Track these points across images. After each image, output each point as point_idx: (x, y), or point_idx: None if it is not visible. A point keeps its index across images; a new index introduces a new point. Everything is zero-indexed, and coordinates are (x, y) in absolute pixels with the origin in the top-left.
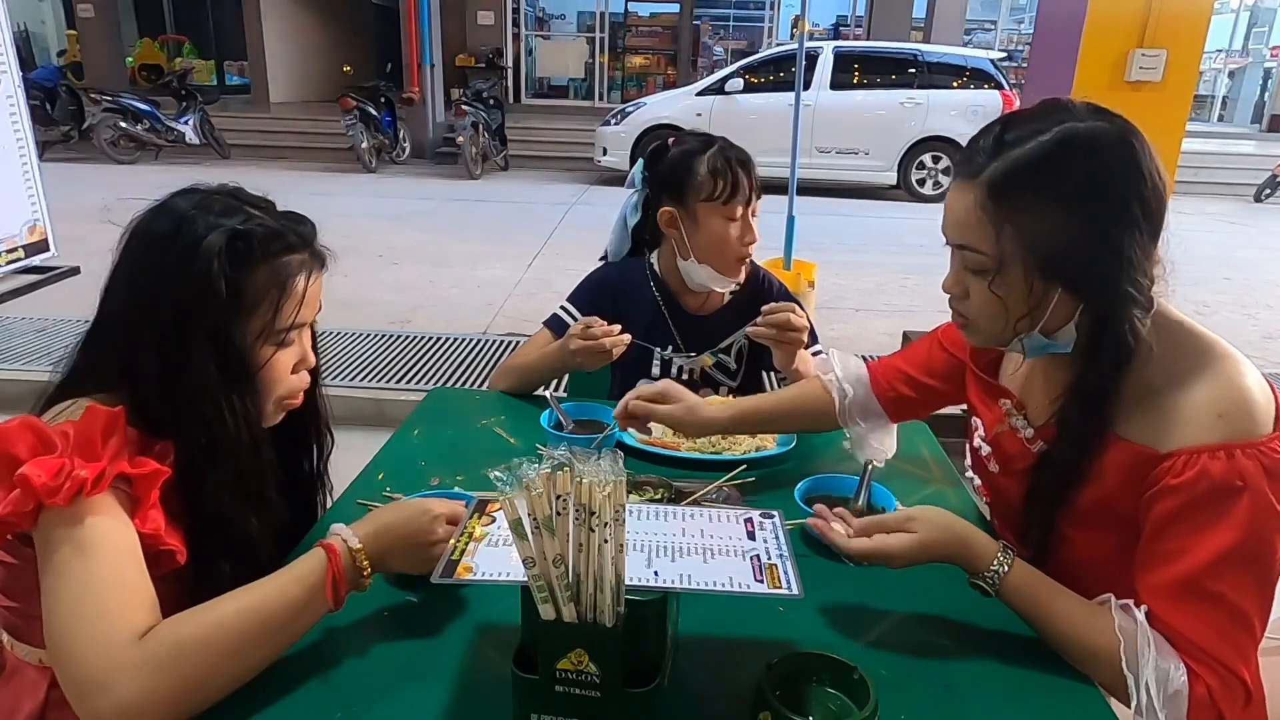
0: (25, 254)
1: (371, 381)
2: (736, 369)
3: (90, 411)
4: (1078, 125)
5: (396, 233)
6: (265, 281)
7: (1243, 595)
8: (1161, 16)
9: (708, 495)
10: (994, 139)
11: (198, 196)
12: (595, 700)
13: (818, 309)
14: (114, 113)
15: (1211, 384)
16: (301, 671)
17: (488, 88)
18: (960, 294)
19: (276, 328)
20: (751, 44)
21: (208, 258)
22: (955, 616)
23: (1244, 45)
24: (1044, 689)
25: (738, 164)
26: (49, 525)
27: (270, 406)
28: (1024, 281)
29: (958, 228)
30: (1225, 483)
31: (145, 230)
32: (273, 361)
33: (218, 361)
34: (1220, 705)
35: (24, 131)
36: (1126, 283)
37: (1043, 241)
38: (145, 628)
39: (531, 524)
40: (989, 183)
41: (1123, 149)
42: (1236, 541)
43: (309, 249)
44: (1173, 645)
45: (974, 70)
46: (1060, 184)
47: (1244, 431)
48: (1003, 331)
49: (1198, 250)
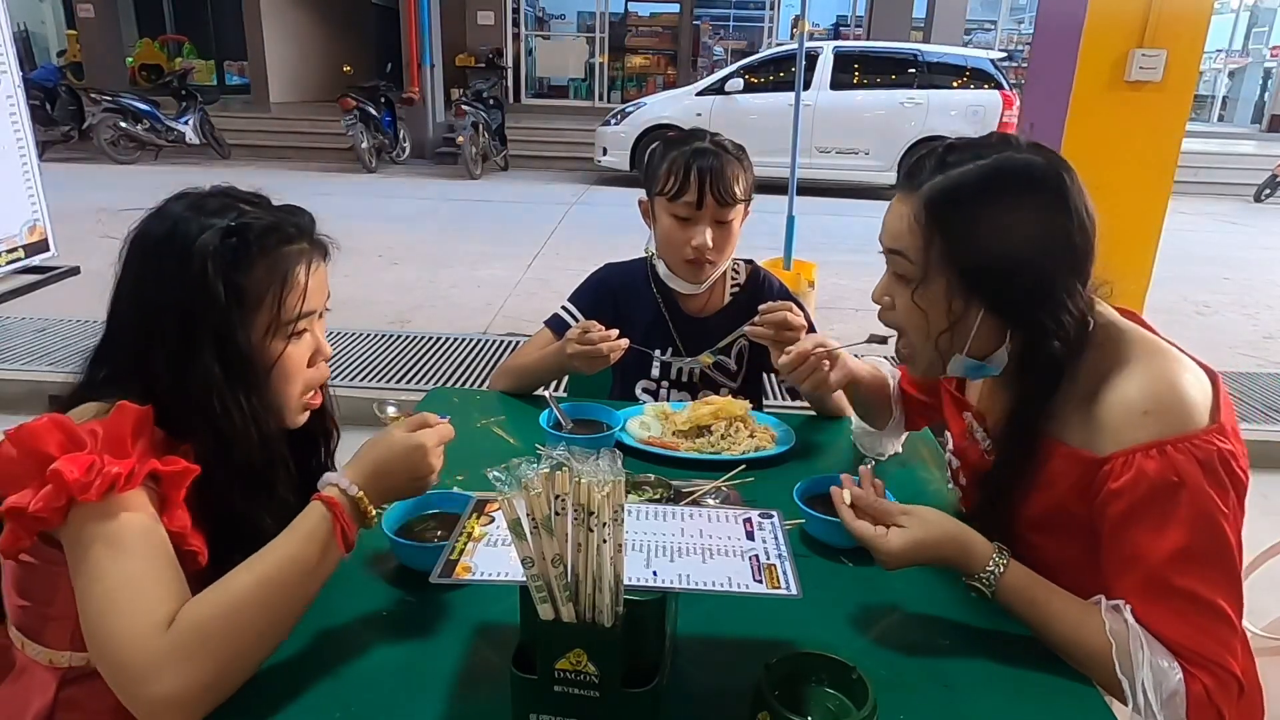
0: (25, 254)
1: (371, 381)
2: (737, 370)
3: (120, 409)
4: (1014, 156)
5: (396, 233)
6: (265, 276)
7: (1209, 587)
8: (1161, 16)
9: (707, 495)
10: (937, 158)
11: (191, 199)
12: (594, 700)
13: (818, 309)
14: (114, 113)
15: (1139, 382)
16: (301, 672)
17: (488, 88)
18: (888, 304)
19: (283, 321)
20: (751, 44)
21: (202, 258)
22: (955, 616)
23: (1244, 45)
24: (1044, 689)
25: (701, 168)
26: (80, 521)
27: (292, 402)
28: (945, 297)
29: (891, 235)
30: (1162, 480)
31: (142, 237)
32: (285, 356)
33: (223, 362)
34: (1218, 702)
35: (24, 131)
36: (1044, 313)
37: (966, 260)
38: (174, 616)
39: (530, 524)
40: (925, 196)
41: (1052, 184)
42: (1187, 538)
43: (307, 239)
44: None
45: (974, 70)
46: (989, 208)
47: (1174, 427)
48: (930, 351)
49: (1198, 250)
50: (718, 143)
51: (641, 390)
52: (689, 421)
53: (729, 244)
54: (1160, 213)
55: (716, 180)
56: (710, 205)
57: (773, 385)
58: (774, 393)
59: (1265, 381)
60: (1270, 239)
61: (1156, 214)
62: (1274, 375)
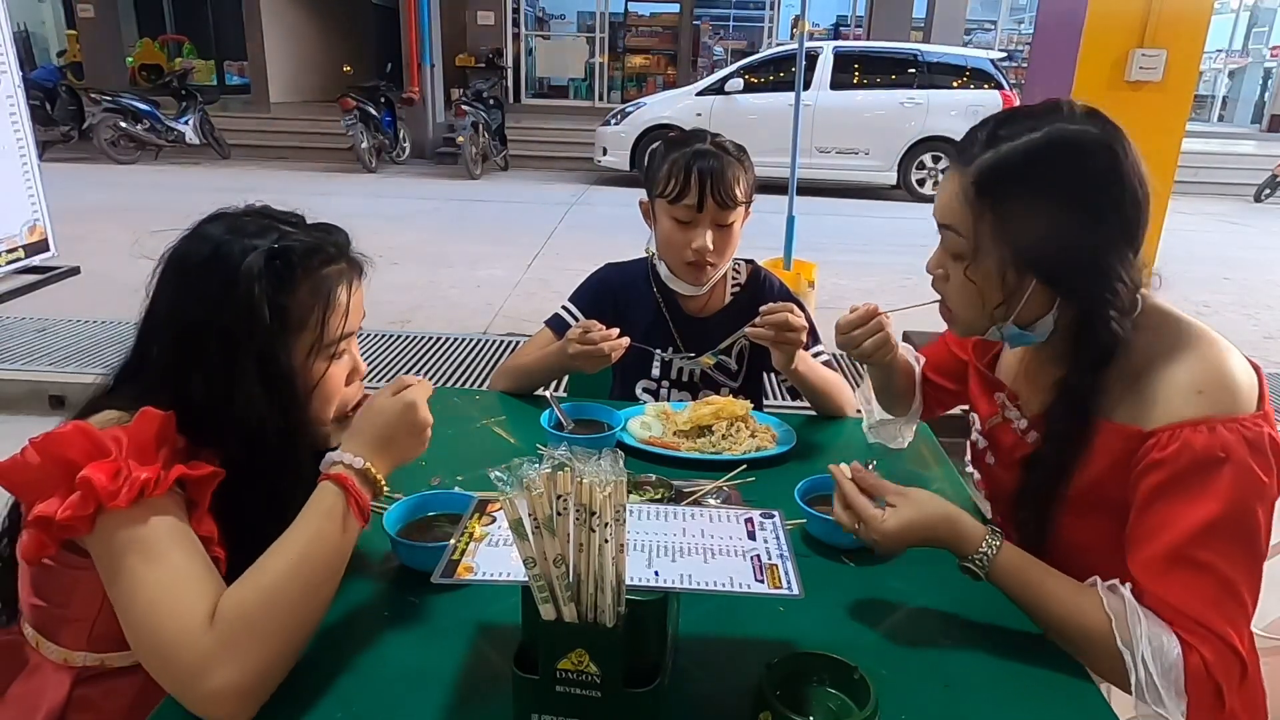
0: (25, 254)
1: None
2: (738, 369)
3: (144, 416)
4: (1067, 127)
5: (396, 233)
6: (309, 297)
7: (1230, 565)
8: (1161, 16)
9: (708, 495)
10: (989, 132)
11: (229, 220)
12: (596, 700)
13: (818, 309)
14: (114, 113)
15: (1192, 363)
16: (302, 671)
17: (488, 88)
18: (941, 276)
19: (325, 341)
20: (751, 44)
21: (249, 281)
22: (955, 616)
23: (1244, 45)
24: (1044, 688)
25: (701, 170)
26: (110, 529)
27: (331, 418)
28: (998, 271)
29: (944, 209)
30: (1207, 454)
31: (182, 259)
32: (327, 376)
33: (265, 384)
34: (1216, 676)
35: (24, 131)
36: (1100, 284)
37: (1019, 235)
38: (214, 611)
39: (532, 524)
40: (977, 172)
41: (1105, 155)
42: (1221, 512)
43: (345, 259)
44: (1163, 618)
45: (974, 70)
46: (1042, 182)
47: (1225, 407)
48: (978, 319)
49: (1198, 250)
50: (719, 144)
51: (642, 390)
52: (690, 421)
53: (730, 246)
54: (1160, 213)
55: (717, 183)
56: (711, 208)
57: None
58: (774, 393)
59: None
60: (1270, 239)
61: (1156, 214)
62: (1274, 375)
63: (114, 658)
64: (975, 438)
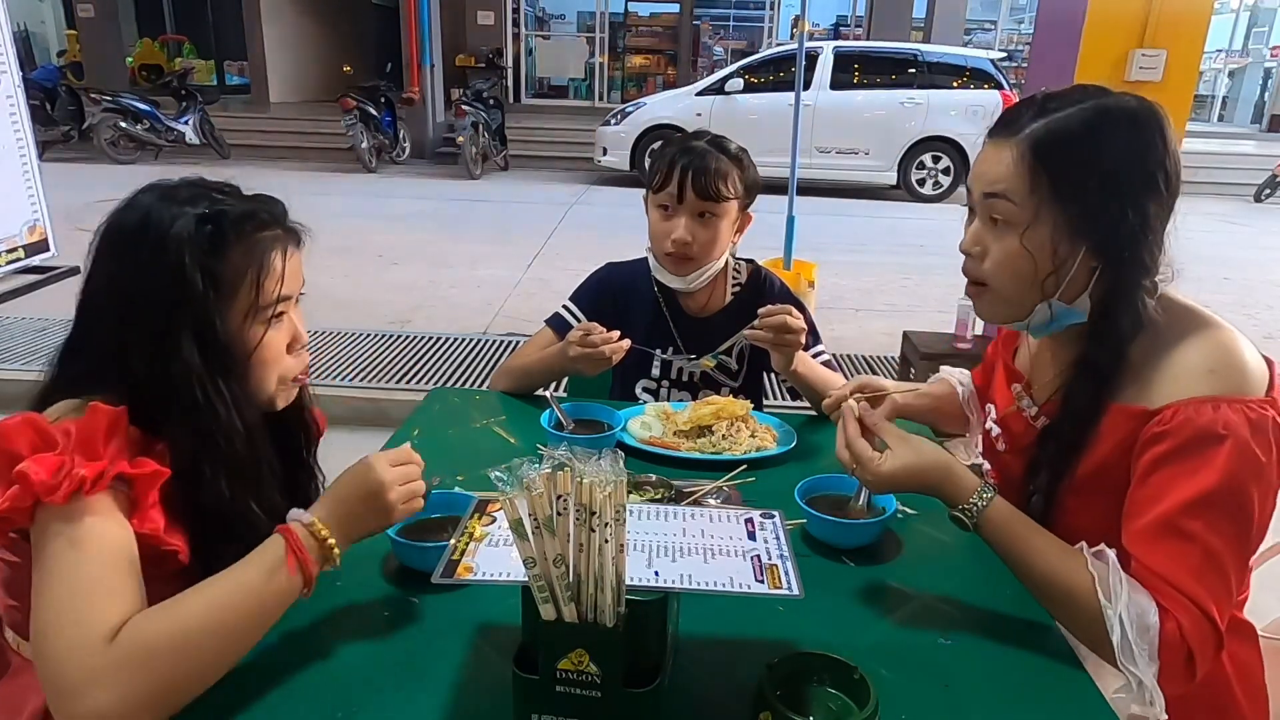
0: (25, 254)
1: (371, 381)
2: (738, 370)
3: (93, 410)
4: (1113, 99)
5: (396, 233)
6: (242, 261)
7: (1218, 538)
8: (1161, 16)
9: (708, 495)
10: (1037, 105)
11: (161, 189)
12: (596, 700)
13: (818, 309)
14: (114, 113)
15: (1205, 345)
16: (302, 672)
17: (488, 88)
18: (978, 254)
19: (261, 305)
20: (751, 44)
21: (179, 246)
22: (956, 616)
23: (1244, 45)
24: (1043, 688)
25: (685, 162)
26: (44, 522)
27: (273, 387)
28: (1051, 240)
29: (990, 179)
30: (1208, 429)
31: (114, 229)
32: (265, 341)
33: (203, 350)
34: (1190, 643)
35: (24, 131)
36: (1145, 250)
37: (1076, 201)
38: (120, 628)
39: (532, 524)
40: (1033, 138)
41: (1154, 123)
42: (1215, 486)
43: (280, 225)
44: (1146, 585)
45: (974, 70)
46: (1098, 148)
47: (1234, 388)
48: (1025, 292)
49: (1198, 250)
50: (716, 143)
51: (642, 390)
52: (690, 421)
53: (714, 241)
54: None
55: (699, 174)
56: (691, 199)
57: (773, 385)
58: (775, 392)
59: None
60: (1270, 239)
61: None
62: None
63: None
64: (989, 426)
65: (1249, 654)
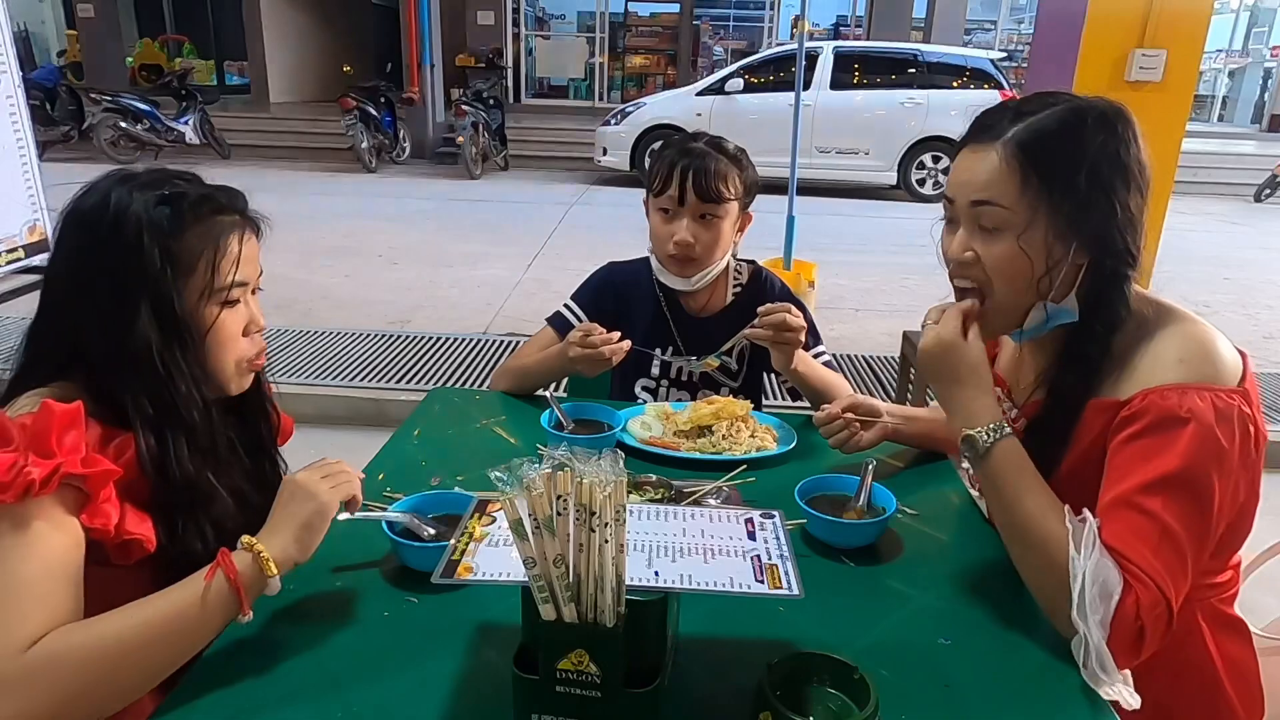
0: (25, 254)
1: (371, 381)
2: (738, 370)
3: (45, 407)
4: (1084, 100)
5: (396, 233)
6: (198, 241)
7: (1176, 519)
8: (1161, 16)
9: (708, 495)
10: (1012, 110)
11: (122, 174)
12: (596, 700)
13: (818, 309)
14: (114, 113)
15: (1176, 337)
16: (302, 672)
17: (488, 88)
18: (970, 259)
19: (216, 286)
20: (751, 44)
21: (137, 224)
22: (956, 616)
23: (1244, 45)
24: (1044, 689)
25: (684, 164)
26: None
27: (230, 369)
28: (1046, 240)
29: (978, 186)
30: (1172, 413)
31: (75, 211)
32: (220, 322)
33: (161, 325)
34: (1144, 619)
35: (24, 131)
36: (1131, 240)
37: (1068, 197)
38: (39, 639)
39: (532, 524)
40: (1016, 141)
41: (1124, 120)
42: (1175, 468)
43: (239, 213)
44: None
45: (974, 70)
46: (1081, 145)
47: (1203, 376)
48: (1022, 295)
49: (1198, 250)
50: (715, 144)
51: (641, 389)
52: (690, 421)
53: (716, 243)
54: (1160, 213)
55: (699, 176)
56: (692, 201)
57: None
58: (774, 393)
59: (1266, 381)
60: (1270, 239)
61: (1157, 214)
62: (1274, 375)
63: None
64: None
65: (1242, 652)
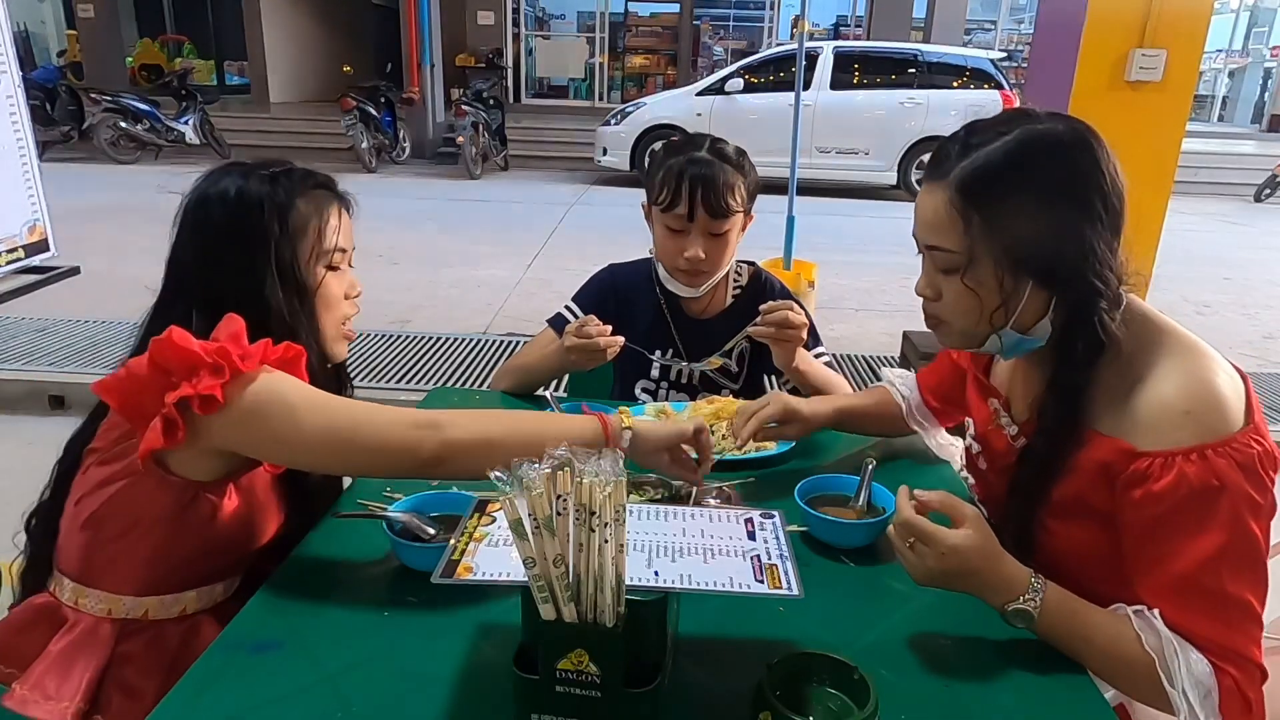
0: (25, 254)
1: (371, 381)
2: (739, 372)
3: (229, 318)
4: (1037, 126)
5: (396, 233)
6: (307, 209)
7: (1241, 587)
8: (1161, 16)
9: (708, 495)
10: (960, 143)
11: (231, 164)
12: (596, 700)
13: (818, 309)
14: (114, 113)
15: (1177, 380)
16: (303, 671)
17: (488, 88)
18: (933, 295)
19: (324, 249)
20: (751, 44)
21: (257, 197)
22: (955, 616)
23: (1244, 45)
24: (1044, 688)
25: (693, 179)
26: (254, 387)
27: (333, 329)
28: (994, 275)
29: (927, 228)
30: (1203, 484)
31: (201, 198)
32: (327, 281)
33: (282, 280)
34: (1246, 692)
35: (24, 131)
36: (1092, 275)
37: (1011, 235)
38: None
39: (532, 524)
40: (958, 181)
41: (1082, 147)
42: (1225, 541)
43: (334, 191)
44: (1193, 645)
45: (974, 70)
46: (1024, 179)
47: (1214, 430)
48: (977, 326)
49: (1198, 250)
50: (717, 150)
51: (641, 390)
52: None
53: (724, 254)
54: (1160, 213)
55: (708, 192)
56: (702, 218)
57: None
58: None
59: (1265, 381)
60: (1270, 239)
61: (1156, 214)
62: (1274, 375)
63: (156, 607)
64: (969, 443)
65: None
